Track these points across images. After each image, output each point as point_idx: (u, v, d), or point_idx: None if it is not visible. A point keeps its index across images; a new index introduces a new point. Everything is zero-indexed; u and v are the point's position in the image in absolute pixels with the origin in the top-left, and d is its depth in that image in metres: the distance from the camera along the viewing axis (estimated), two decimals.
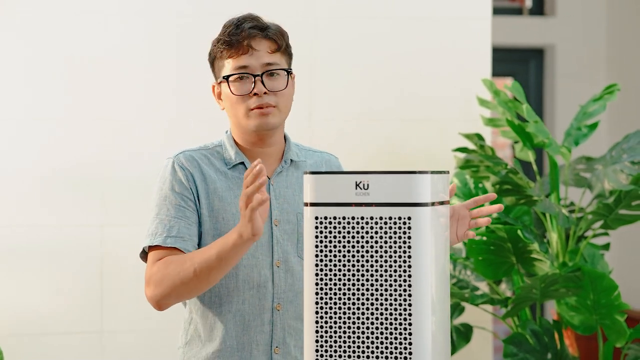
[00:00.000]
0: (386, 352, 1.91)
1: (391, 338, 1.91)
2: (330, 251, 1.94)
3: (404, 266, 1.91)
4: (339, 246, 1.94)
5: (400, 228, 1.91)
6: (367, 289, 1.92)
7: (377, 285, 1.92)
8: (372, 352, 1.91)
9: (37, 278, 3.70)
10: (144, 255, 2.26)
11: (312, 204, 1.95)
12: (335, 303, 1.94)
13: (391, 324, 1.91)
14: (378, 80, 3.95)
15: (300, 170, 2.35)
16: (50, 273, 3.71)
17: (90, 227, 3.73)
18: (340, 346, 1.93)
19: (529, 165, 5.18)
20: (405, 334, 1.90)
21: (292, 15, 3.83)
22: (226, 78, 2.25)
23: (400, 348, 1.91)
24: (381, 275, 1.91)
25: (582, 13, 5.88)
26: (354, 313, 1.93)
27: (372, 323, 1.92)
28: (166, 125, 3.80)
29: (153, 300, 2.18)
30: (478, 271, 3.36)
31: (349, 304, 1.93)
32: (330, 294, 1.94)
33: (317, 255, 1.95)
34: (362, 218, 1.93)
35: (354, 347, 1.93)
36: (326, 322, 1.95)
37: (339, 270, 1.94)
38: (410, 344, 1.89)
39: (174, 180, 2.25)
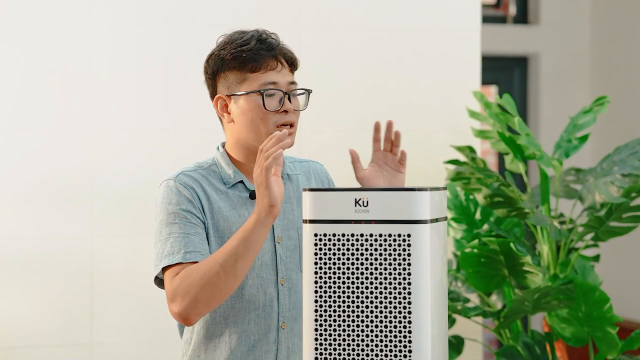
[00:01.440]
0: None
1: (391, 355, 1.91)
2: (330, 268, 1.94)
3: (404, 283, 1.91)
4: (339, 263, 1.94)
5: (399, 245, 1.91)
6: (367, 306, 1.92)
7: (376, 302, 1.92)
8: None
9: (26, 290, 3.67)
10: (158, 280, 2.20)
11: (312, 221, 1.95)
12: (334, 320, 1.94)
13: (391, 341, 1.91)
14: (366, 91, 3.95)
15: (294, 183, 2.33)
16: (39, 285, 3.68)
17: (79, 238, 3.71)
18: None
19: (519, 176, 5.19)
20: (405, 351, 1.90)
21: (277, 26, 3.81)
22: (262, 92, 2.19)
23: None
24: (381, 293, 1.91)
25: (566, 21, 5.90)
26: (353, 330, 1.93)
27: (372, 340, 1.92)
28: (155, 135, 3.79)
29: (182, 315, 2.10)
30: (470, 283, 3.37)
31: (348, 321, 1.93)
32: (330, 311, 1.94)
33: (316, 273, 1.94)
34: (362, 235, 1.93)
35: None
36: (325, 340, 1.94)
37: (339, 287, 1.94)
38: (410, 359, 1.89)
39: (180, 198, 2.19)
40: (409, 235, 1.91)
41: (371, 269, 1.93)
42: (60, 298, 3.70)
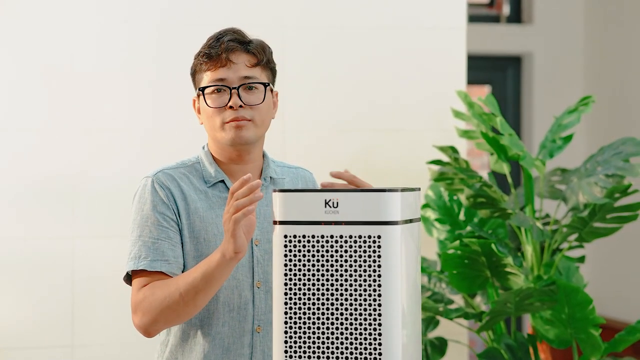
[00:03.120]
0: None
1: (361, 358, 1.89)
2: (300, 270, 1.92)
3: (374, 285, 1.89)
4: (309, 265, 1.92)
5: (370, 247, 1.90)
6: (337, 308, 1.90)
7: (346, 304, 1.90)
8: None
9: (7, 291, 3.65)
10: (127, 278, 2.21)
11: (281, 222, 1.94)
12: (304, 323, 1.92)
13: (361, 343, 1.89)
14: (350, 90, 3.93)
15: (277, 186, 2.32)
16: (20, 286, 3.66)
17: (61, 239, 3.68)
18: None
19: (504, 177, 5.17)
20: (375, 353, 1.88)
21: (261, 25, 3.81)
22: (202, 90, 2.22)
23: None
24: (351, 295, 1.90)
25: (559, 21, 5.88)
26: (323, 333, 1.91)
27: (342, 343, 1.90)
28: (141, 136, 3.76)
29: (142, 329, 2.14)
30: (453, 284, 3.35)
31: (318, 323, 1.91)
32: (300, 313, 1.92)
33: (286, 274, 1.93)
34: (332, 236, 1.91)
35: None
36: (295, 342, 1.92)
37: (308, 289, 1.92)
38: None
39: (155, 199, 2.19)
40: (379, 237, 1.89)
41: (341, 270, 1.91)
42: (42, 299, 3.67)
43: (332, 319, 1.91)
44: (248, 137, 2.21)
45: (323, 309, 1.92)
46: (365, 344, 1.89)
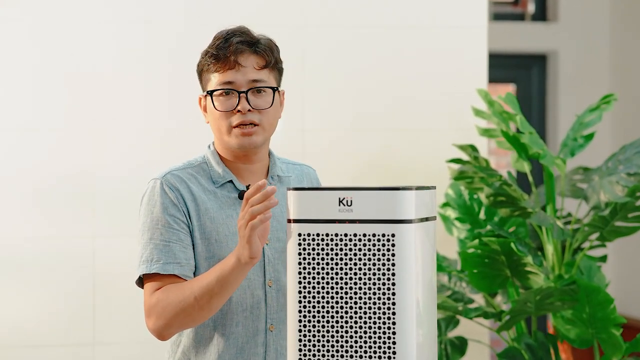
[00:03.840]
0: None
1: (375, 357, 1.88)
2: (314, 268, 1.92)
3: (388, 284, 1.88)
4: (322, 263, 1.92)
5: (384, 245, 1.89)
6: (351, 307, 1.90)
7: (360, 302, 1.89)
8: None
9: (29, 290, 3.67)
10: (139, 281, 2.20)
11: (295, 221, 1.93)
12: (318, 321, 1.91)
13: (375, 342, 1.89)
14: (371, 89, 3.92)
15: (284, 185, 2.31)
16: (42, 285, 3.68)
17: (82, 238, 3.70)
18: None
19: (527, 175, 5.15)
20: (389, 352, 1.88)
21: (284, 24, 3.81)
22: (210, 93, 2.21)
23: None
24: (365, 293, 1.89)
25: (585, 19, 5.84)
26: (337, 331, 1.91)
27: (356, 342, 1.89)
28: (161, 135, 3.77)
29: (156, 332, 2.13)
30: (472, 284, 3.33)
31: (332, 322, 1.91)
32: (314, 311, 1.91)
33: (300, 273, 1.92)
34: (346, 235, 1.91)
35: None
36: (309, 341, 1.92)
37: (322, 287, 1.92)
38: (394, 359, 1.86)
39: (164, 202, 2.18)
40: (393, 235, 1.88)
41: (355, 269, 1.90)
42: (63, 298, 3.69)
43: (346, 317, 1.90)
44: (256, 142, 2.20)
45: (337, 307, 1.91)
46: (380, 342, 1.89)
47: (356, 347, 1.90)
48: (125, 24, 3.76)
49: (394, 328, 1.88)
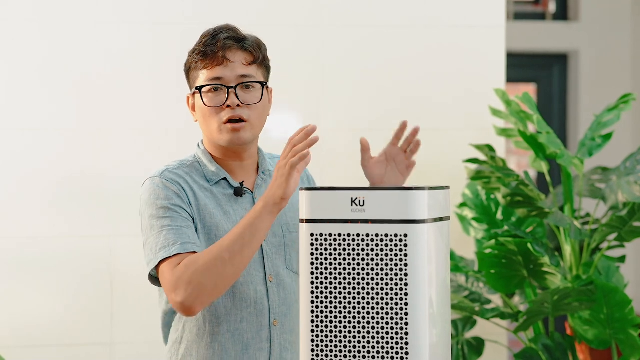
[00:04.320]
0: None
1: (388, 357, 1.88)
2: (326, 268, 1.92)
3: (401, 284, 1.88)
4: (335, 263, 1.91)
5: (396, 245, 1.88)
6: (364, 307, 1.89)
7: (373, 303, 1.89)
8: None
9: (46, 289, 3.69)
10: (152, 277, 2.19)
11: (308, 221, 1.93)
12: (331, 321, 1.91)
13: (388, 343, 1.88)
14: (388, 89, 3.91)
15: None
16: (59, 284, 3.69)
17: (99, 237, 3.71)
18: None
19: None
20: (402, 353, 1.87)
21: (297, 24, 3.80)
22: (199, 89, 2.21)
23: None
24: (377, 294, 1.89)
25: (606, 18, 5.82)
26: (349, 332, 1.90)
27: (369, 342, 1.89)
28: (177, 135, 3.78)
29: (186, 304, 2.07)
30: (490, 284, 3.32)
31: (345, 322, 1.91)
32: (327, 312, 1.91)
33: (312, 273, 1.92)
34: (358, 235, 1.90)
35: None
36: (322, 341, 1.92)
37: (335, 287, 1.91)
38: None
39: (168, 194, 2.18)
40: (405, 235, 1.88)
41: (368, 269, 1.90)
42: (81, 297, 3.71)
43: (359, 317, 1.90)
44: (246, 138, 2.21)
45: (350, 307, 1.91)
46: (392, 343, 1.88)
47: (369, 347, 1.90)
48: (137, 25, 3.76)
49: (406, 328, 1.87)
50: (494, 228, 3.61)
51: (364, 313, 1.90)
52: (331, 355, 1.91)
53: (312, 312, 1.92)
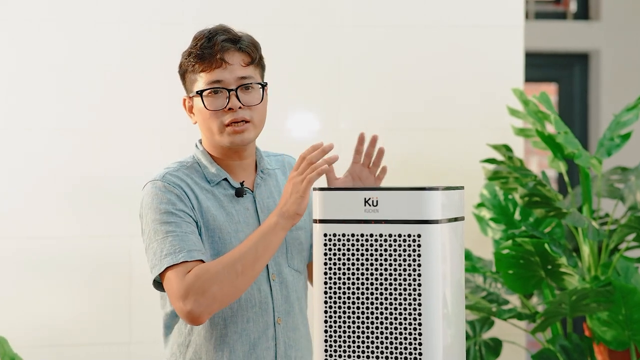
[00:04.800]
0: None
1: (401, 358, 1.87)
2: (340, 268, 1.92)
3: (414, 284, 1.87)
4: (348, 263, 1.91)
5: (409, 245, 1.88)
6: (377, 307, 1.89)
7: (386, 303, 1.89)
8: None
9: (66, 288, 3.71)
10: (156, 284, 2.19)
11: (321, 221, 1.93)
12: (344, 322, 1.91)
13: (401, 343, 1.88)
14: (406, 89, 3.91)
15: (272, 177, 2.33)
16: (79, 284, 3.71)
17: (119, 237, 3.73)
18: None
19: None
20: (415, 353, 1.87)
21: (315, 24, 3.80)
22: (200, 93, 2.21)
23: None
24: (391, 294, 1.88)
25: (627, 17, 5.78)
26: (363, 332, 1.90)
27: (382, 342, 1.89)
28: (191, 133, 3.78)
29: (195, 313, 2.08)
30: (507, 285, 3.30)
31: (358, 322, 1.90)
32: (340, 312, 1.91)
33: (326, 273, 1.92)
34: (371, 235, 1.90)
35: None
36: (335, 341, 1.92)
37: (348, 288, 1.91)
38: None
39: (170, 198, 2.18)
40: (419, 236, 1.88)
41: (381, 269, 1.90)
42: (100, 297, 3.72)
43: (372, 318, 1.90)
44: (249, 139, 2.21)
45: (363, 307, 1.91)
46: (406, 343, 1.88)
47: (382, 347, 1.90)
48: (149, 25, 3.77)
49: (420, 329, 1.87)
50: (511, 228, 3.60)
51: (377, 313, 1.90)
52: (344, 356, 1.91)
53: (326, 312, 1.92)
